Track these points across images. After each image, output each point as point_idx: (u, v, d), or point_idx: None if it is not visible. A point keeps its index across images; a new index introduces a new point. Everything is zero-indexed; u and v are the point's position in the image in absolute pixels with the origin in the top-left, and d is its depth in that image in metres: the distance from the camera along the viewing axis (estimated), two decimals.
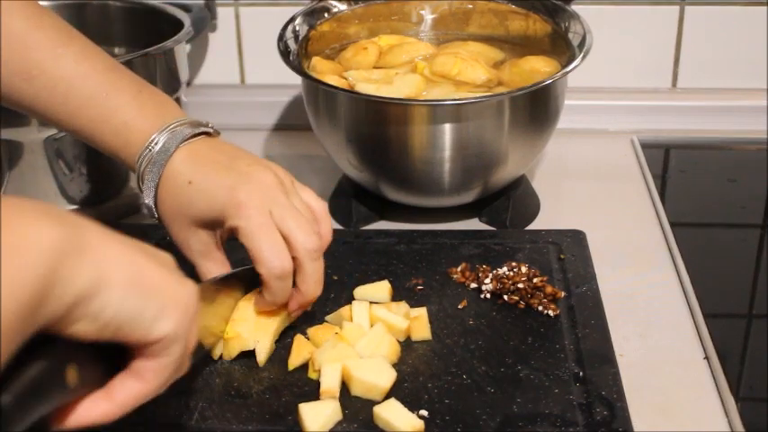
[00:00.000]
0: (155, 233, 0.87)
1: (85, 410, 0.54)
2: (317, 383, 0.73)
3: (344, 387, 0.73)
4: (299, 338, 0.78)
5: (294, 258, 0.74)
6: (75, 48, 0.77)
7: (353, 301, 0.82)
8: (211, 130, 0.79)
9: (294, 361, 0.76)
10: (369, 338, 0.77)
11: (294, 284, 0.75)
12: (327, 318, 0.82)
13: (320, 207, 0.78)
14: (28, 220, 0.48)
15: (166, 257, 0.58)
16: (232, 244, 0.78)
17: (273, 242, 0.73)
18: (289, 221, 0.73)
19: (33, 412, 0.49)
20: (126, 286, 0.51)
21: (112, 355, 0.55)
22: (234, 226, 0.73)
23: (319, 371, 0.74)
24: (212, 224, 0.76)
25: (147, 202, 0.77)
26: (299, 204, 0.76)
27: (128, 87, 0.77)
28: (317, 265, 0.75)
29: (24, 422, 0.48)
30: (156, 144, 0.76)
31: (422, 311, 0.80)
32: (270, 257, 0.72)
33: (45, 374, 0.49)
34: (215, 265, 0.78)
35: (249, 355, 0.77)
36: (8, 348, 0.45)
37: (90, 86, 0.76)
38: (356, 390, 0.72)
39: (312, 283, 0.75)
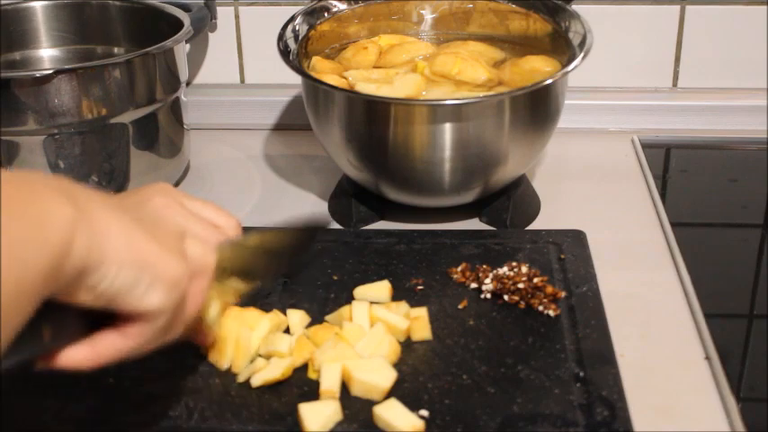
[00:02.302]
0: None
1: (68, 354, 0.58)
2: (316, 383, 0.73)
3: (344, 387, 0.73)
4: (299, 338, 0.78)
5: None
6: None
7: (353, 301, 0.82)
8: None
9: (294, 361, 0.76)
10: (369, 338, 0.76)
11: None
12: (327, 318, 0.82)
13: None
14: (44, 196, 0.52)
15: (171, 230, 0.61)
16: None
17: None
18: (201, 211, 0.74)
19: (10, 359, 0.53)
20: (122, 259, 0.55)
21: (94, 318, 0.58)
22: None
23: (319, 371, 0.74)
24: None
25: None
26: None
27: None
28: None
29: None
30: None
31: (422, 311, 0.80)
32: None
33: (24, 330, 0.52)
34: None
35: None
36: (22, 318, 0.50)
37: None
38: (356, 390, 0.72)
39: None
